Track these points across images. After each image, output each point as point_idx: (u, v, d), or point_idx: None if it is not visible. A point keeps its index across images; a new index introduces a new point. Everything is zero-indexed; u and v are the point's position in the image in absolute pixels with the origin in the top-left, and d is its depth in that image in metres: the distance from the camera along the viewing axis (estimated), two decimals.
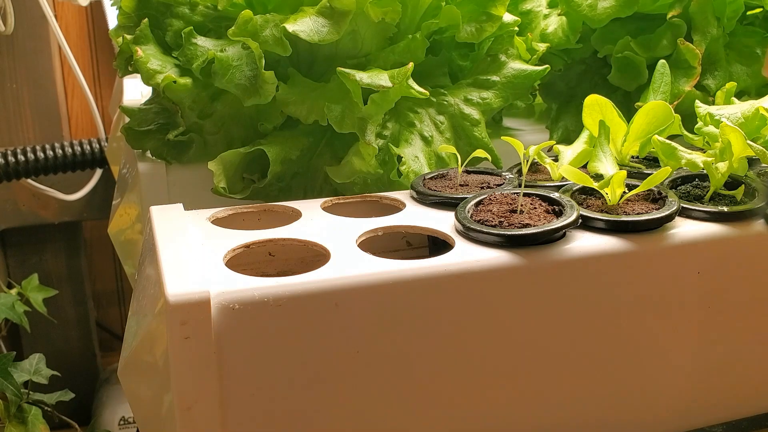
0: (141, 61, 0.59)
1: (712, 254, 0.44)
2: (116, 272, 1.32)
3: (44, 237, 1.18)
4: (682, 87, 0.60)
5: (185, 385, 0.36)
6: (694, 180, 0.50)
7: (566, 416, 0.45)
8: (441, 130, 0.59)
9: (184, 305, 0.35)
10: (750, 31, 0.67)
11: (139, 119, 0.62)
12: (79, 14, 1.18)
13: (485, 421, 0.43)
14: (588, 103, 0.51)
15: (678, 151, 0.48)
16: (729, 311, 0.46)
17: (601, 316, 0.43)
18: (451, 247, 0.41)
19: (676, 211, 0.44)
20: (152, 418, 0.42)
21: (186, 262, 0.38)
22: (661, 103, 0.49)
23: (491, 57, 0.62)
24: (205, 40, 0.59)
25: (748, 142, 0.46)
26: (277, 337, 0.37)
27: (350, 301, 0.38)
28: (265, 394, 0.38)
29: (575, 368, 0.44)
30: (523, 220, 0.42)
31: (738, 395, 0.49)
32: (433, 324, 0.40)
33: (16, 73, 1.08)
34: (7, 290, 1.04)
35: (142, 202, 0.62)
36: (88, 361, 1.27)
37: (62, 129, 1.13)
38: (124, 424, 1.12)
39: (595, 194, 0.47)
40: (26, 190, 1.09)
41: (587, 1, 0.63)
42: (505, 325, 0.41)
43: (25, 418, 0.79)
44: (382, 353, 0.39)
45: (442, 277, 0.39)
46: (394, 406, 0.41)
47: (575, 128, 0.66)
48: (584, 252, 0.42)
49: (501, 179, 0.51)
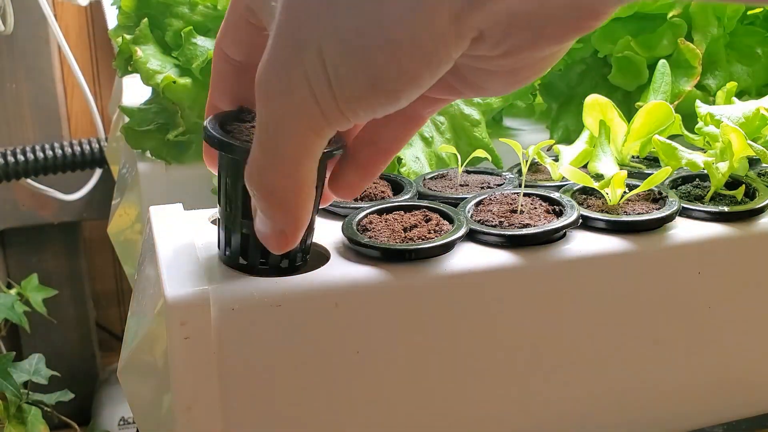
0: (140, 61, 0.59)
1: (712, 254, 0.44)
2: (116, 272, 1.32)
3: (44, 237, 1.18)
4: (682, 87, 0.60)
5: (185, 385, 0.36)
6: (695, 180, 0.50)
7: (566, 416, 0.45)
8: (441, 130, 0.59)
9: (183, 305, 0.35)
10: (751, 30, 0.67)
11: (138, 119, 0.62)
12: (79, 14, 1.18)
13: (485, 421, 0.43)
14: (588, 102, 0.51)
15: (678, 151, 0.48)
16: (729, 311, 0.46)
17: (602, 316, 0.43)
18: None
19: (676, 211, 0.44)
20: (152, 419, 0.42)
21: (186, 263, 0.38)
22: (662, 103, 0.49)
23: None
24: (205, 40, 0.59)
25: (749, 142, 0.46)
26: (277, 337, 0.37)
27: (350, 301, 0.38)
28: (265, 394, 0.38)
29: (575, 368, 0.44)
30: (524, 220, 0.42)
31: (738, 395, 0.49)
32: (432, 324, 0.40)
33: (15, 72, 1.08)
34: (6, 290, 1.04)
35: (141, 202, 0.62)
36: (88, 361, 1.27)
37: (62, 129, 1.13)
38: (123, 424, 1.12)
39: (595, 194, 0.47)
40: (26, 190, 1.09)
41: None
42: (505, 325, 0.41)
43: (24, 418, 0.79)
44: (382, 353, 0.39)
45: (442, 278, 0.39)
46: (394, 406, 0.40)
47: (575, 128, 0.66)
48: (584, 252, 0.42)
49: (501, 179, 0.51)
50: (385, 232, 0.41)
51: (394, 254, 0.39)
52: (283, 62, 0.28)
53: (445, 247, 0.40)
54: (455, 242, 0.40)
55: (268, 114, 0.30)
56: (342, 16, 0.27)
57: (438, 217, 0.43)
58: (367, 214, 0.43)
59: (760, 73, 0.65)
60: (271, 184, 0.31)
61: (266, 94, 0.29)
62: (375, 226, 0.42)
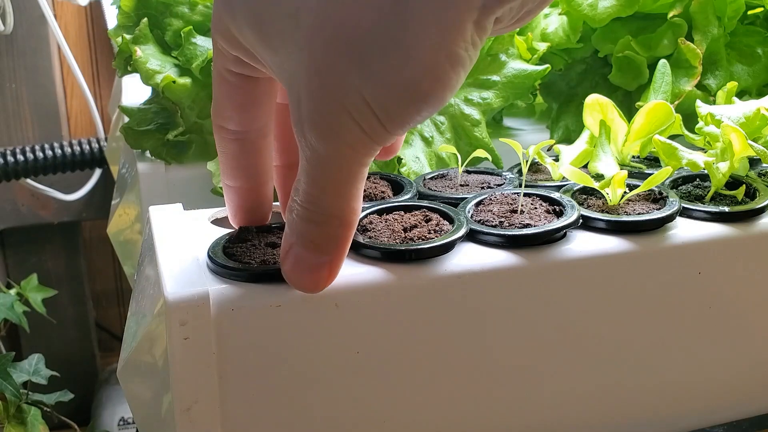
0: (140, 61, 0.59)
1: (713, 254, 0.44)
2: (115, 272, 1.32)
3: (43, 237, 1.18)
4: (683, 87, 0.60)
5: (185, 385, 0.36)
6: (695, 180, 0.50)
7: (566, 416, 0.45)
8: (441, 130, 0.59)
9: (183, 306, 0.35)
10: (751, 30, 0.67)
11: (138, 119, 0.62)
12: (79, 14, 1.18)
13: (485, 421, 0.43)
14: (589, 102, 0.51)
15: (679, 151, 0.48)
16: (729, 311, 0.46)
17: (602, 316, 0.43)
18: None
19: (677, 211, 0.44)
20: (152, 419, 0.42)
21: (185, 263, 0.38)
22: (662, 103, 0.49)
23: (491, 57, 0.62)
24: (205, 40, 0.59)
25: (749, 142, 0.46)
26: (277, 337, 0.37)
27: (350, 302, 0.38)
28: (265, 395, 0.38)
29: (575, 368, 0.44)
30: (524, 220, 0.42)
31: (738, 395, 0.49)
32: (433, 324, 0.40)
33: (15, 72, 1.08)
34: (6, 290, 1.04)
35: (141, 202, 0.62)
36: (88, 361, 1.27)
37: (61, 128, 1.13)
38: (123, 424, 1.12)
39: (595, 194, 0.47)
40: (25, 190, 1.09)
41: (588, 1, 0.63)
42: (506, 325, 0.41)
43: (24, 418, 0.79)
44: (382, 353, 0.39)
45: (442, 278, 0.39)
46: (394, 406, 0.40)
47: (576, 128, 0.66)
48: (585, 252, 0.42)
49: (501, 179, 0.51)
50: (385, 233, 0.41)
51: (394, 254, 0.39)
52: (327, 111, 0.31)
53: (445, 247, 0.40)
54: (455, 242, 0.40)
55: (323, 155, 0.32)
56: (376, 63, 0.29)
57: (438, 217, 0.42)
58: (367, 214, 0.43)
59: (761, 73, 0.65)
60: (335, 208, 0.34)
61: (319, 136, 0.31)
62: (375, 227, 0.42)
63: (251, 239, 0.40)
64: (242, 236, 0.41)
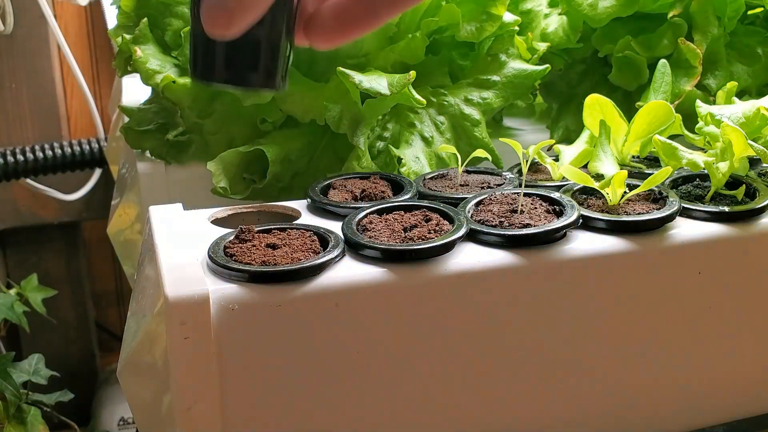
0: (140, 61, 0.59)
1: (713, 254, 0.44)
2: (115, 272, 1.32)
3: (43, 237, 1.18)
4: (682, 87, 0.60)
5: (185, 385, 0.36)
6: (695, 180, 0.50)
7: (566, 416, 0.45)
8: (441, 130, 0.59)
9: (183, 305, 0.35)
10: (751, 30, 0.67)
11: (138, 119, 0.62)
12: (78, 14, 1.18)
13: (485, 421, 0.43)
14: (589, 102, 0.51)
15: (679, 150, 0.48)
16: (729, 311, 0.46)
17: (602, 316, 0.43)
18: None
19: (677, 211, 0.44)
20: (152, 419, 0.42)
21: (185, 262, 0.38)
22: (662, 102, 0.49)
23: (491, 56, 0.62)
24: None
25: (749, 142, 0.46)
26: (277, 337, 0.37)
27: (350, 302, 0.38)
28: (265, 395, 0.38)
29: (575, 368, 0.44)
30: (524, 220, 0.42)
31: (738, 395, 0.49)
32: (433, 324, 0.40)
33: (15, 72, 1.08)
34: (6, 290, 1.04)
35: (141, 202, 0.62)
36: (88, 361, 1.27)
37: (61, 129, 1.12)
38: (123, 424, 1.12)
39: (595, 194, 0.47)
40: (25, 190, 1.09)
41: (588, 1, 0.63)
42: (506, 325, 0.41)
43: (24, 418, 0.79)
44: (382, 353, 0.39)
45: (442, 278, 0.39)
46: (394, 406, 0.40)
47: (576, 128, 0.66)
48: (585, 252, 0.42)
49: (501, 179, 0.51)
50: (385, 232, 0.41)
51: (394, 254, 0.39)
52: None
53: (445, 247, 0.40)
54: (455, 242, 0.40)
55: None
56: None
57: (438, 217, 0.42)
58: (367, 214, 0.43)
59: (761, 73, 0.65)
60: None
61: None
62: (375, 226, 0.42)
63: (251, 240, 0.41)
64: (242, 237, 0.41)
